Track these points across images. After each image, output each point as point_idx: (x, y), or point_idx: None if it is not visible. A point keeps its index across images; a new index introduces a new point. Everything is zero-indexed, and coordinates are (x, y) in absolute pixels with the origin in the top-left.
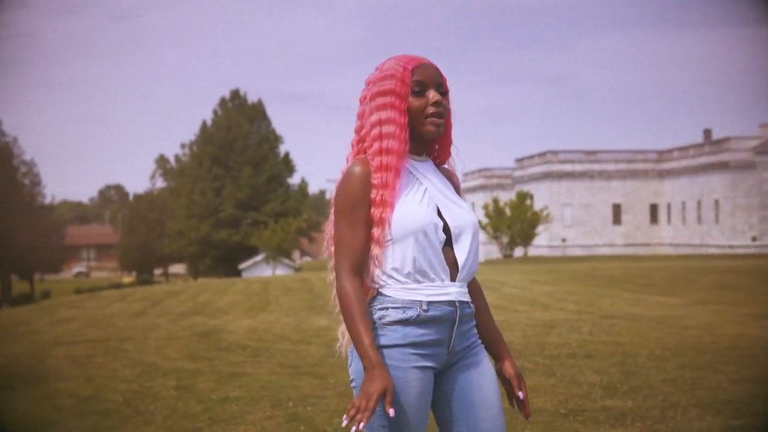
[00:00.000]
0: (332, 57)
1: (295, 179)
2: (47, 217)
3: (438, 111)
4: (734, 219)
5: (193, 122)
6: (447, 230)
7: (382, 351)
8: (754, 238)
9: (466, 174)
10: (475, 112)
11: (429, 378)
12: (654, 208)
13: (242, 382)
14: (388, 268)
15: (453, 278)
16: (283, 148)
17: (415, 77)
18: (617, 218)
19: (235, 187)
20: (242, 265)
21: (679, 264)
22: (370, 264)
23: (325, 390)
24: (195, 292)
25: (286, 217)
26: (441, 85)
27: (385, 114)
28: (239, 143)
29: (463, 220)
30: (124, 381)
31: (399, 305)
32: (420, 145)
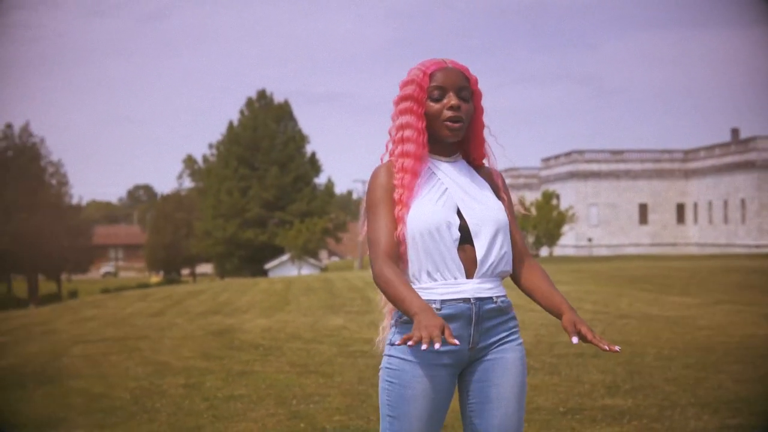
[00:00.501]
0: (361, 58)
1: (321, 179)
2: (74, 217)
3: (454, 116)
4: (761, 219)
5: (222, 123)
6: (467, 228)
7: (398, 346)
8: None
9: None
10: (503, 112)
11: (446, 376)
12: (680, 207)
13: (249, 380)
14: (408, 267)
15: (470, 273)
16: (309, 148)
17: (433, 82)
18: (643, 218)
19: (262, 187)
20: (268, 265)
21: (703, 264)
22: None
23: (329, 388)
24: (216, 292)
25: (312, 217)
26: (463, 89)
27: (405, 119)
28: (266, 143)
29: (485, 217)
30: (135, 379)
31: None
32: (449, 147)
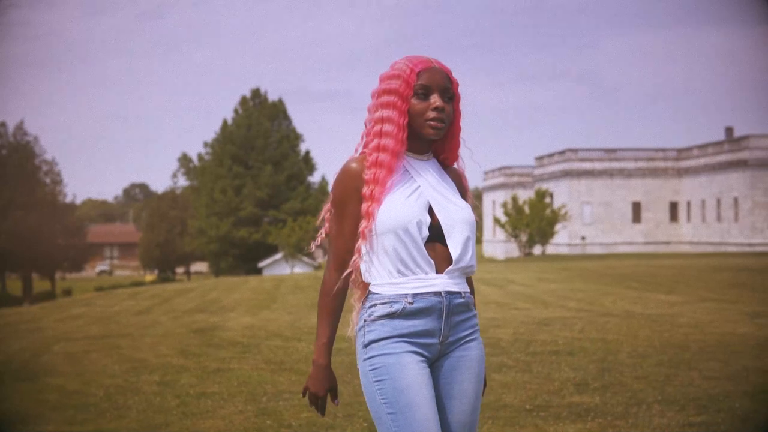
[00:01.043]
0: (357, 57)
1: (315, 178)
2: (69, 216)
3: (438, 117)
4: (753, 217)
5: (219, 121)
6: (438, 227)
7: (374, 344)
8: None
9: (487, 172)
10: (501, 110)
11: (425, 367)
12: (674, 206)
13: (223, 377)
14: (375, 263)
15: (440, 270)
16: (303, 147)
17: (420, 80)
18: (637, 216)
19: (256, 186)
20: (262, 263)
21: (694, 262)
22: (356, 258)
23: (301, 386)
24: (206, 290)
25: (306, 215)
26: (447, 90)
27: (387, 113)
28: (260, 142)
29: (456, 217)
30: (111, 376)
31: (386, 300)
32: (425, 145)
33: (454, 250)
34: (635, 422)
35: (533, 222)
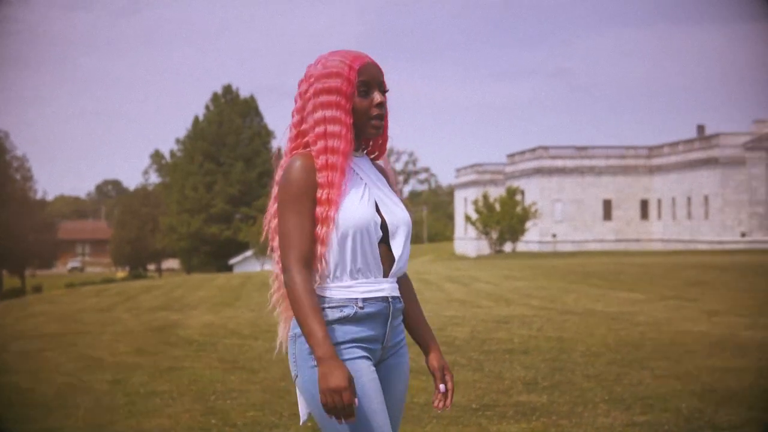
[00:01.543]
0: None
1: None
2: (39, 212)
3: (381, 114)
4: (724, 215)
5: (192, 118)
6: (384, 227)
7: None
8: (743, 234)
9: (459, 169)
10: (474, 107)
11: (373, 367)
12: (644, 203)
13: (175, 376)
14: (328, 266)
15: (385, 274)
16: (275, 144)
17: (361, 77)
18: (608, 214)
19: (227, 183)
20: (233, 260)
21: (661, 260)
22: (319, 263)
23: (251, 384)
24: (172, 287)
25: None
26: (382, 84)
27: (330, 113)
28: (231, 138)
29: (400, 217)
30: (65, 374)
31: (336, 305)
32: (357, 141)
33: (396, 251)
34: (579, 422)
35: (504, 219)
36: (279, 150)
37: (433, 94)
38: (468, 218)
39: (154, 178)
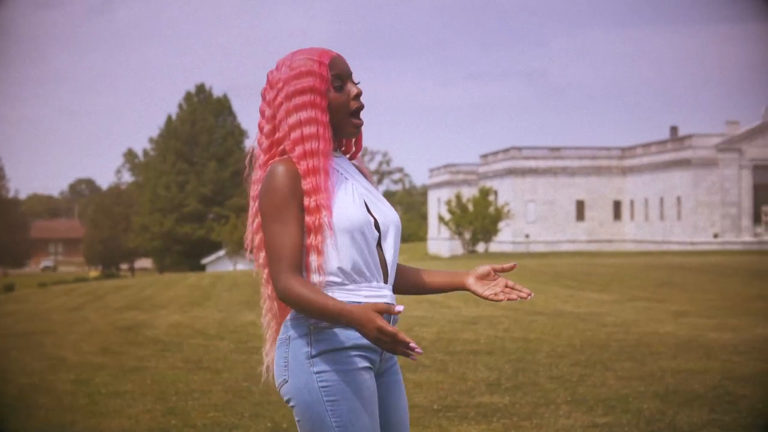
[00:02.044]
0: None
1: None
2: (11, 211)
3: (360, 105)
4: (696, 216)
5: (166, 117)
6: (377, 228)
7: (323, 356)
8: (715, 235)
9: (432, 170)
10: (447, 108)
11: (373, 378)
12: (617, 204)
13: (138, 376)
14: (326, 275)
15: (384, 279)
16: (248, 143)
17: (332, 71)
18: (581, 214)
19: (200, 182)
20: (206, 260)
21: (633, 261)
22: (305, 272)
23: (214, 385)
24: (142, 287)
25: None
26: (352, 75)
27: (305, 114)
28: (204, 138)
29: (390, 217)
30: (28, 374)
31: None
32: (334, 141)
33: (388, 253)
34: (540, 423)
35: (477, 220)
36: (251, 157)
37: (407, 94)
38: (441, 218)
39: (127, 177)
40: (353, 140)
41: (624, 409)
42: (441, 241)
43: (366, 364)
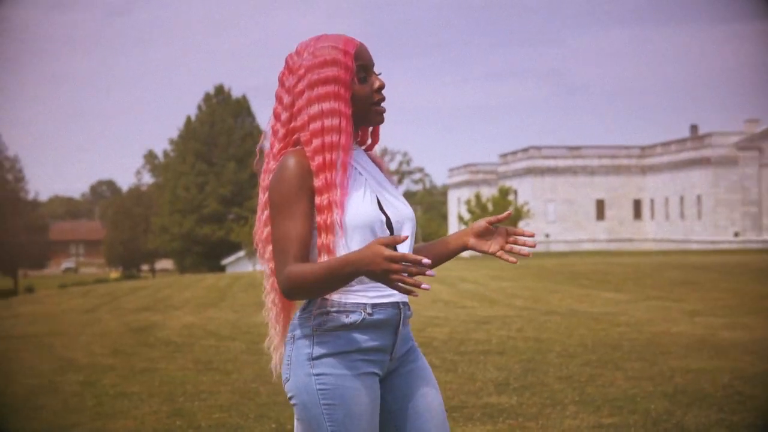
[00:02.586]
0: None
1: None
2: (32, 213)
3: (383, 98)
4: (716, 215)
5: (185, 118)
6: (389, 225)
7: (325, 359)
8: (736, 234)
9: (451, 169)
10: (466, 108)
11: (377, 385)
12: (637, 203)
13: (148, 377)
14: None
15: None
16: (266, 145)
17: (358, 62)
18: (600, 214)
19: (219, 183)
20: (225, 261)
21: (651, 260)
22: None
23: (222, 386)
24: (159, 288)
25: None
26: (374, 66)
27: (328, 105)
28: (223, 139)
29: (404, 214)
30: (37, 376)
31: (341, 309)
32: (356, 133)
33: (402, 250)
34: (546, 423)
35: None
36: (261, 152)
37: (426, 94)
38: (461, 218)
39: (148, 179)
40: (369, 131)
41: (631, 409)
42: None
43: (371, 369)
